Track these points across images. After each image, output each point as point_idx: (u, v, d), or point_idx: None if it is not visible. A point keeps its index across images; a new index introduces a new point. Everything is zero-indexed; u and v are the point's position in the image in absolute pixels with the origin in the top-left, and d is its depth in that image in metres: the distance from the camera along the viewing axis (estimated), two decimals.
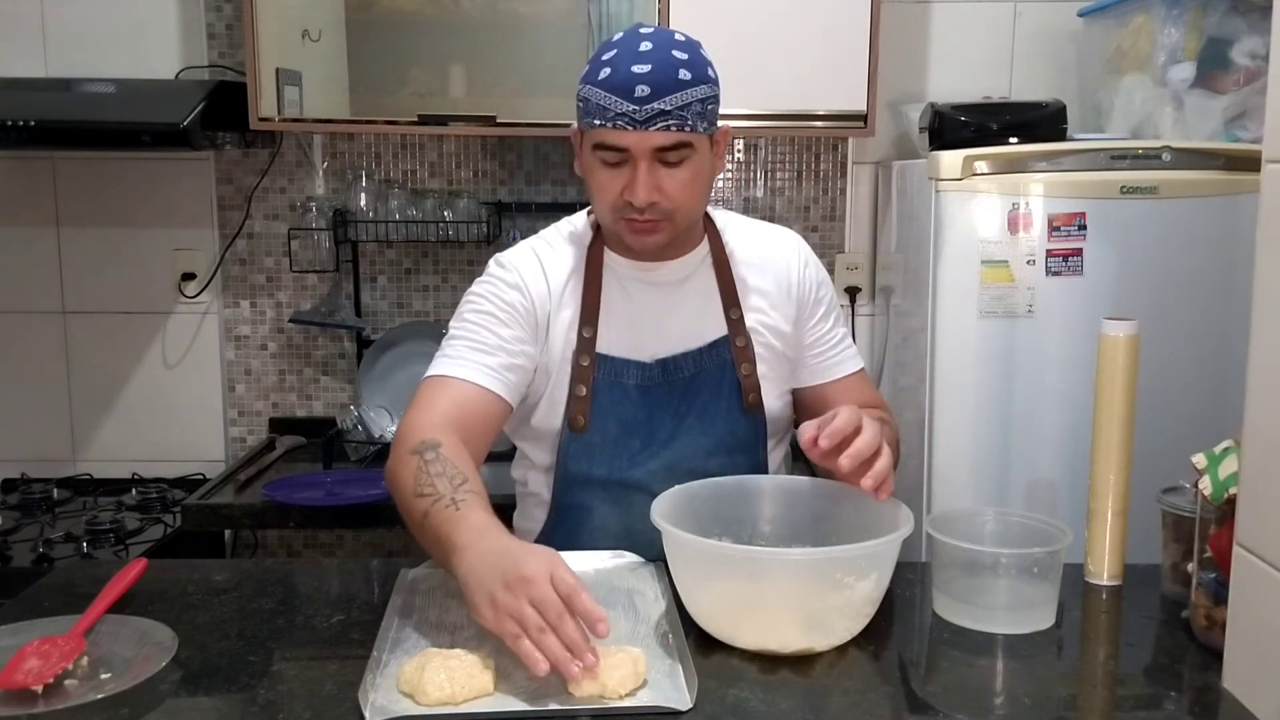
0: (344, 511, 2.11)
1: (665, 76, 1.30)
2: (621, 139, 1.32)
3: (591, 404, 1.42)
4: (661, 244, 1.40)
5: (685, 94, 1.31)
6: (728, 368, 1.45)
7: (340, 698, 1.02)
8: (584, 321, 1.43)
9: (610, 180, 1.36)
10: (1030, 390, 2.03)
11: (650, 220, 1.36)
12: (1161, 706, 1.04)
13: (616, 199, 1.36)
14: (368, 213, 2.49)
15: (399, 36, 2.28)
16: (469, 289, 1.48)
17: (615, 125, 1.31)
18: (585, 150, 1.38)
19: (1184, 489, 1.26)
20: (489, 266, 1.49)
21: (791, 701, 1.02)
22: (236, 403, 2.65)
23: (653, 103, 1.29)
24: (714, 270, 1.47)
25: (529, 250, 1.49)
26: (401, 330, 2.58)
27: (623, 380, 1.43)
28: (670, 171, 1.34)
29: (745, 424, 1.46)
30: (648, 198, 1.33)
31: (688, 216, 1.40)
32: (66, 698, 1.01)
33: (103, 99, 2.26)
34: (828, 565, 1.09)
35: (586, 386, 1.42)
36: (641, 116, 1.30)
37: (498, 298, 1.43)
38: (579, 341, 1.43)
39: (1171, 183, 1.99)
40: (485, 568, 1.07)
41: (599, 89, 1.31)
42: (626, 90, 1.29)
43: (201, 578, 1.34)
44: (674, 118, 1.30)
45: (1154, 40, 2.16)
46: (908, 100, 2.51)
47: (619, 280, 1.45)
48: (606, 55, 1.33)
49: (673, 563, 1.19)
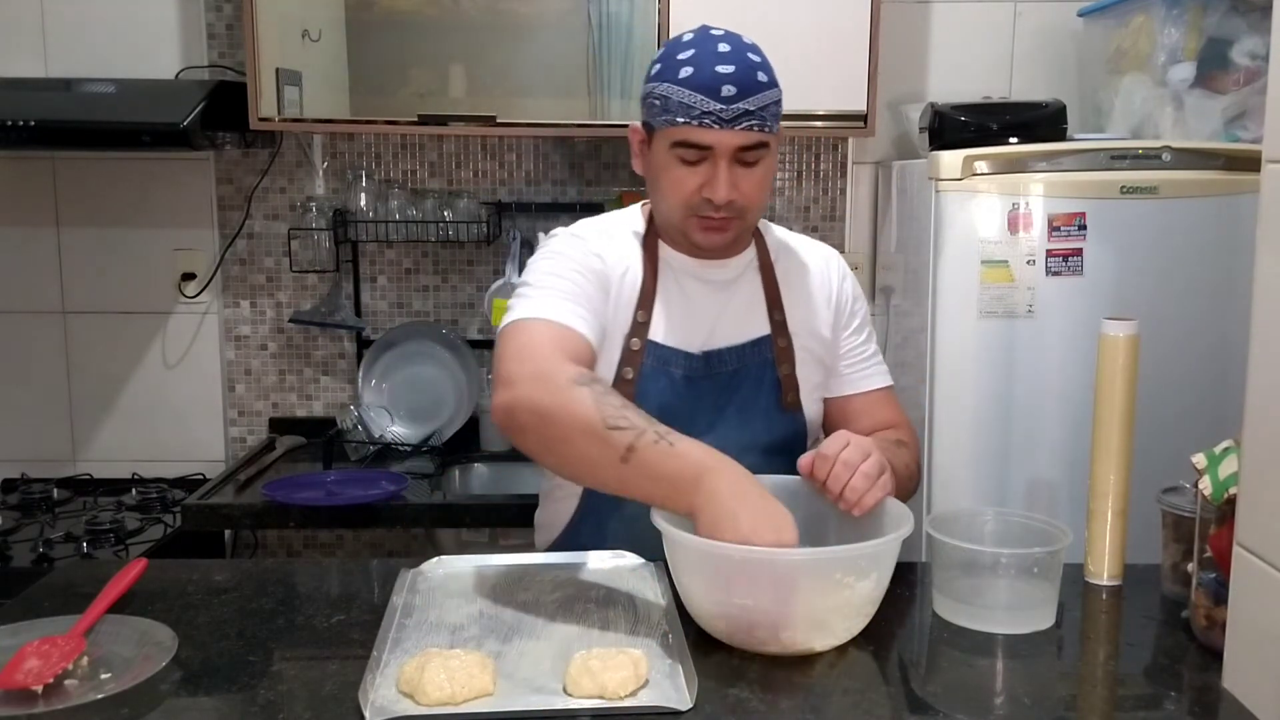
0: (344, 511, 2.11)
1: (748, 78, 1.33)
2: (706, 137, 1.34)
3: (635, 388, 1.43)
4: (729, 242, 1.43)
5: (764, 96, 1.34)
6: (768, 366, 1.48)
7: (340, 698, 1.02)
8: (640, 305, 1.44)
9: (687, 177, 1.37)
10: (1030, 390, 2.03)
11: (723, 218, 1.39)
12: (1161, 706, 1.04)
13: (692, 196, 1.38)
14: (368, 213, 2.49)
15: (399, 36, 2.28)
16: (543, 248, 1.47)
17: (701, 123, 1.33)
18: (658, 148, 1.39)
19: (1184, 489, 1.26)
20: (559, 235, 1.48)
21: (791, 701, 1.02)
22: (236, 403, 2.65)
23: (739, 102, 1.32)
24: (760, 273, 1.50)
25: (596, 225, 1.50)
26: (401, 330, 2.58)
27: (669, 369, 1.45)
28: (747, 171, 1.37)
29: (783, 423, 1.48)
30: (728, 195, 1.36)
31: (755, 215, 1.44)
32: (66, 698, 1.01)
33: (103, 99, 2.26)
34: (829, 565, 1.09)
35: (634, 370, 1.43)
36: (728, 115, 1.32)
37: (582, 258, 1.42)
38: (633, 325, 1.44)
39: (1171, 183, 1.99)
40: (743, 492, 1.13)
41: (682, 88, 1.33)
42: (713, 90, 1.32)
43: (201, 578, 1.34)
44: (756, 118, 1.34)
45: (1154, 40, 2.16)
46: (908, 100, 2.51)
47: (673, 273, 1.47)
48: (684, 55, 1.35)
49: (673, 563, 1.19)
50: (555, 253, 1.44)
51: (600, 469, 1.19)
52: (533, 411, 1.23)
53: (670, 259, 1.48)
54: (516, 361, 1.28)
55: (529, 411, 1.23)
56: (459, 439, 2.52)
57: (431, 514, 2.15)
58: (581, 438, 1.19)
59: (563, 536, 1.51)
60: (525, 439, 1.25)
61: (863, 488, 1.21)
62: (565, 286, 1.38)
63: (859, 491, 1.21)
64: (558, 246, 1.45)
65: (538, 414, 1.22)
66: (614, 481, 1.19)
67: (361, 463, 2.41)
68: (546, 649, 1.11)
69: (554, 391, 1.21)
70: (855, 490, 1.21)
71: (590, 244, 1.45)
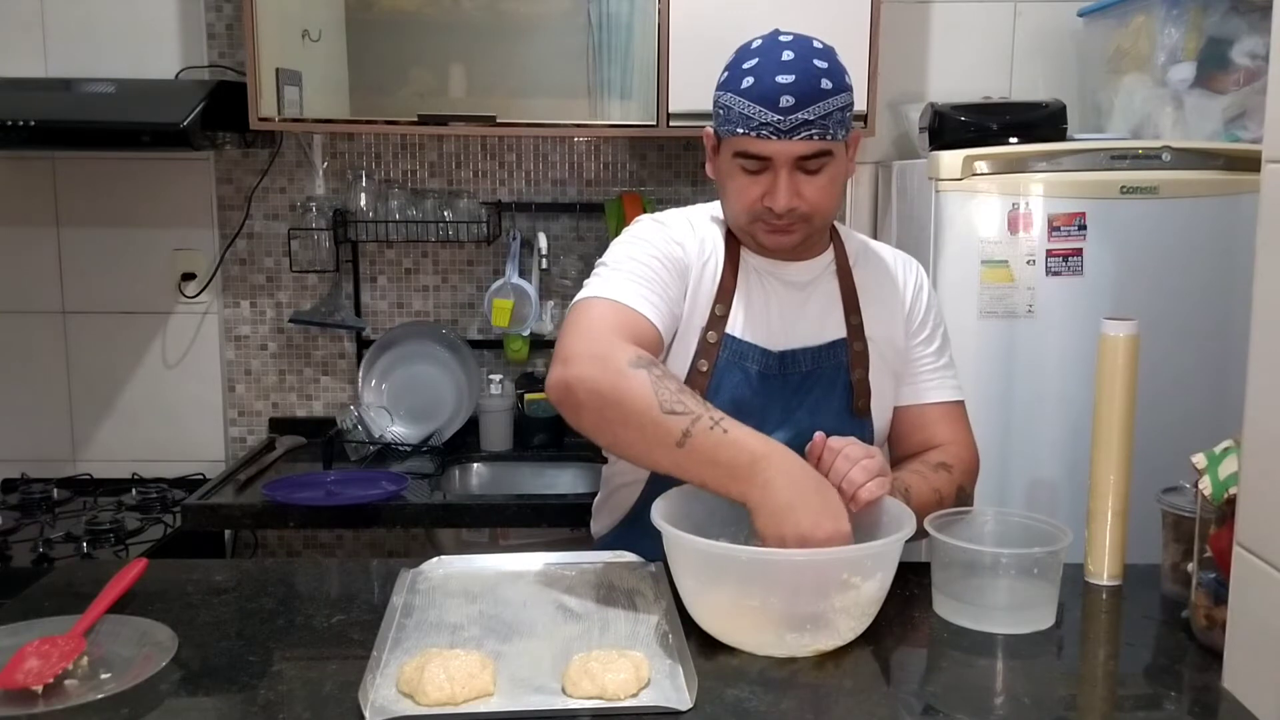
0: (344, 511, 2.11)
1: (809, 86, 1.31)
2: (765, 148, 1.33)
3: (710, 381, 1.42)
4: (796, 243, 1.42)
5: (827, 103, 1.32)
6: (842, 370, 1.47)
7: (340, 698, 1.02)
8: (719, 299, 1.44)
9: (750, 185, 1.37)
10: (1030, 390, 2.03)
11: (788, 223, 1.38)
12: (1161, 706, 1.04)
13: (754, 204, 1.38)
14: (368, 213, 2.49)
15: (399, 36, 2.28)
16: (627, 231, 1.46)
17: (760, 135, 1.32)
18: (724, 156, 1.39)
19: (1184, 489, 1.26)
20: (644, 221, 1.48)
21: (791, 701, 1.02)
22: (236, 403, 2.65)
23: (797, 113, 1.31)
24: (837, 277, 1.49)
25: (684, 217, 1.50)
26: (401, 330, 2.58)
27: (744, 364, 1.44)
28: (809, 178, 1.36)
29: (852, 427, 1.45)
30: (788, 204, 1.35)
31: (824, 219, 1.42)
32: (66, 698, 1.01)
33: (103, 99, 2.26)
34: (835, 566, 1.09)
35: (709, 363, 1.43)
36: (786, 126, 1.31)
37: (662, 244, 1.43)
38: (710, 318, 1.44)
39: (1171, 183, 1.99)
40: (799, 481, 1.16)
41: (742, 98, 1.33)
42: (771, 100, 1.31)
43: (201, 578, 1.34)
44: (816, 127, 1.32)
45: (1154, 40, 2.16)
46: (908, 100, 2.51)
47: (753, 271, 1.47)
48: (748, 64, 1.34)
49: (675, 566, 1.18)
50: (636, 237, 1.44)
51: (656, 452, 1.21)
52: (591, 391, 1.23)
53: (749, 257, 1.47)
54: (578, 338, 1.29)
55: (587, 390, 1.24)
56: (459, 439, 2.52)
57: (431, 514, 2.15)
58: (638, 421, 1.20)
59: (623, 524, 1.51)
60: (581, 417, 1.26)
61: (860, 480, 1.21)
62: (640, 271, 1.38)
63: (856, 484, 1.21)
64: (640, 231, 1.45)
65: (596, 394, 1.23)
66: (669, 465, 1.21)
67: (361, 463, 2.41)
68: (546, 649, 1.11)
69: (612, 373, 1.23)
70: (852, 482, 1.21)
71: (673, 231, 1.46)
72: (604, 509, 1.58)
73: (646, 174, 2.58)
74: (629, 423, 1.21)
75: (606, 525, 1.56)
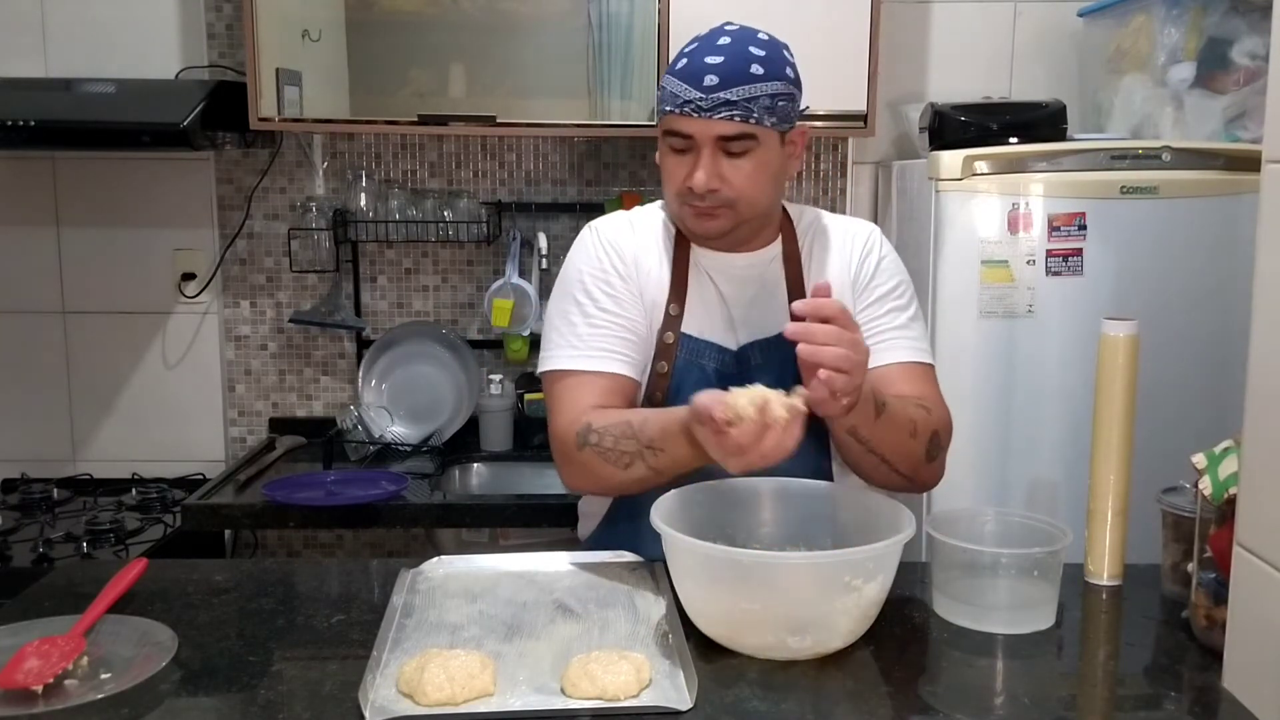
0: (344, 511, 2.11)
1: (736, 69, 1.33)
2: (687, 125, 1.35)
3: (669, 383, 1.43)
4: (723, 230, 1.41)
5: (754, 87, 1.33)
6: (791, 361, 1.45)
7: (340, 698, 1.02)
8: (671, 299, 1.45)
9: (677, 166, 1.39)
10: (1030, 390, 2.03)
11: (710, 206, 1.38)
12: (1161, 706, 1.04)
13: (680, 185, 1.39)
14: (368, 213, 2.49)
15: (399, 36, 2.28)
16: (570, 262, 1.49)
17: (682, 112, 1.35)
18: (660, 137, 1.42)
19: (1184, 489, 1.26)
20: (585, 237, 1.50)
21: (791, 702, 1.02)
22: (236, 403, 2.64)
23: (719, 92, 1.33)
24: (785, 264, 1.49)
25: (624, 219, 1.51)
26: (401, 330, 2.58)
27: (702, 362, 1.44)
28: (733, 161, 1.37)
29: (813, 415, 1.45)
30: (707, 184, 1.36)
31: (750, 207, 1.41)
32: (66, 698, 1.01)
33: (103, 99, 2.26)
34: (838, 568, 1.09)
35: (668, 364, 1.44)
36: (707, 104, 1.33)
37: (607, 267, 1.45)
38: (665, 318, 1.44)
39: (1171, 183, 1.99)
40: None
41: (674, 77, 1.37)
42: (696, 79, 1.34)
43: (201, 578, 1.34)
44: (739, 109, 1.33)
45: (1154, 40, 2.16)
46: (908, 100, 2.51)
47: (700, 266, 1.47)
48: (688, 48, 1.39)
49: (675, 569, 1.18)
50: (582, 272, 1.45)
51: (651, 482, 1.32)
52: (576, 488, 1.45)
53: (698, 254, 1.48)
54: (554, 429, 1.41)
55: (574, 488, 1.45)
56: (459, 439, 2.52)
57: (431, 514, 2.15)
58: (620, 482, 1.35)
59: (603, 523, 1.51)
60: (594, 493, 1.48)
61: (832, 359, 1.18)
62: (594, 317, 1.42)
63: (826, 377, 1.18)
64: (583, 263, 1.46)
65: (579, 488, 1.44)
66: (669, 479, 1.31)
67: (361, 463, 2.41)
68: (546, 649, 1.11)
69: (575, 468, 1.38)
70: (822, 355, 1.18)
71: (612, 239, 1.47)
72: (585, 514, 1.58)
73: (646, 174, 2.58)
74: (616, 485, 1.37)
75: (587, 529, 1.56)
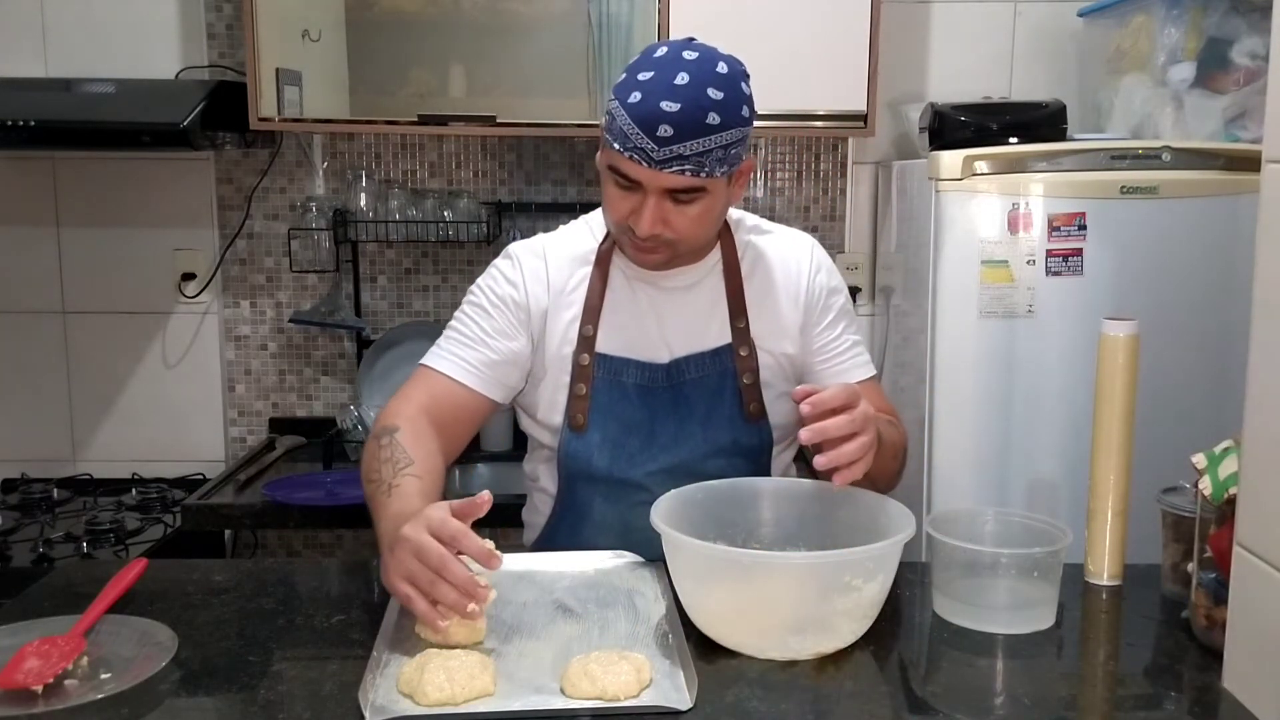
0: (344, 511, 2.11)
1: (692, 120, 1.25)
2: (635, 172, 1.29)
3: (591, 403, 1.43)
4: (662, 263, 1.41)
5: (709, 140, 1.26)
6: (729, 376, 1.44)
7: (340, 698, 1.02)
8: (585, 320, 1.43)
9: (619, 200, 1.34)
10: (1030, 390, 2.03)
11: (652, 245, 1.36)
12: (1161, 706, 1.04)
13: (622, 219, 1.35)
14: (368, 213, 2.49)
15: (399, 36, 2.28)
16: (483, 274, 1.51)
17: (631, 157, 1.28)
18: (603, 159, 1.36)
19: (1184, 489, 1.26)
20: (499, 261, 1.51)
21: (791, 702, 1.02)
22: (236, 403, 2.64)
23: (673, 145, 1.25)
24: (724, 278, 1.46)
25: (539, 244, 1.49)
26: (401, 330, 2.58)
27: (622, 380, 1.43)
28: (679, 208, 1.32)
29: (749, 432, 1.45)
30: (651, 230, 1.32)
31: (690, 245, 1.39)
32: (66, 698, 1.01)
33: (103, 99, 2.26)
34: (838, 568, 1.09)
35: (586, 385, 1.43)
36: (659, 157, 1.26)
37: (491, 291, 1.45)
38: (579, 340, 1.43)
39: (1171, 183, 1.99)
40: (385, 545, 1.14)
41: (626, 114, 1.27)
42: (649, 126, 1.25)
43: (201, 578, 1.34)
44: (691, 163, 1.27)
45: (1154, 40, 2.16)
46: (908, 100, 2.51)
47: (626, 280, 1.45)
48: (643, 75, 1.28)
49: (675, 569, 1.18)
50: (475, 287, 1.48)
51: (369, 501, 1.30)
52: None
53: (623, 265, 1.45)
54: (379, 412, 1.40)
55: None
56: None
57: None
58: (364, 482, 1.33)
59: (545, 532, 1.52)
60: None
61: (853, 455, 1.18)
62: (464, 329, 1.44)
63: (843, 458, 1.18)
64: (480, 280, 1.49)
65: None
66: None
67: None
68: (546, 649, 1.11)
69: (366, 446, 1.35)
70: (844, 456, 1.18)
71: (512, 269, 1.46)
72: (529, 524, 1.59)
73: None
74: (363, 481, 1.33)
75: (530, 538, 1.57)
